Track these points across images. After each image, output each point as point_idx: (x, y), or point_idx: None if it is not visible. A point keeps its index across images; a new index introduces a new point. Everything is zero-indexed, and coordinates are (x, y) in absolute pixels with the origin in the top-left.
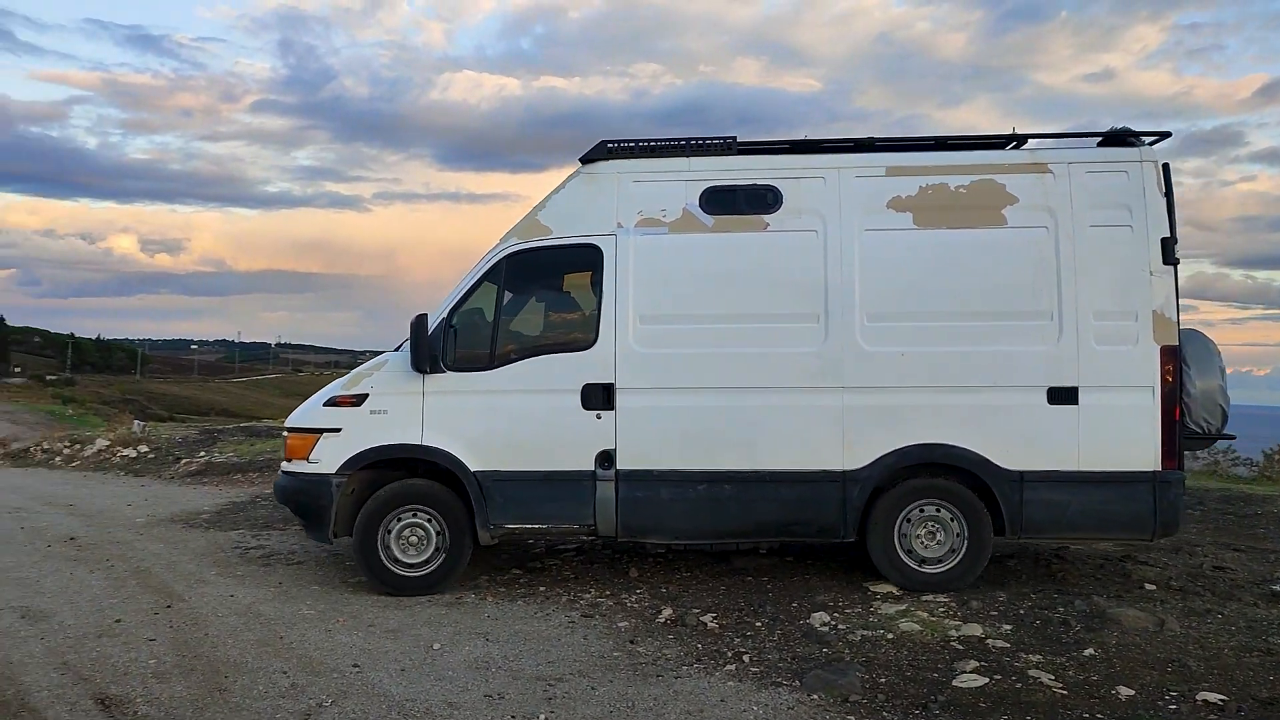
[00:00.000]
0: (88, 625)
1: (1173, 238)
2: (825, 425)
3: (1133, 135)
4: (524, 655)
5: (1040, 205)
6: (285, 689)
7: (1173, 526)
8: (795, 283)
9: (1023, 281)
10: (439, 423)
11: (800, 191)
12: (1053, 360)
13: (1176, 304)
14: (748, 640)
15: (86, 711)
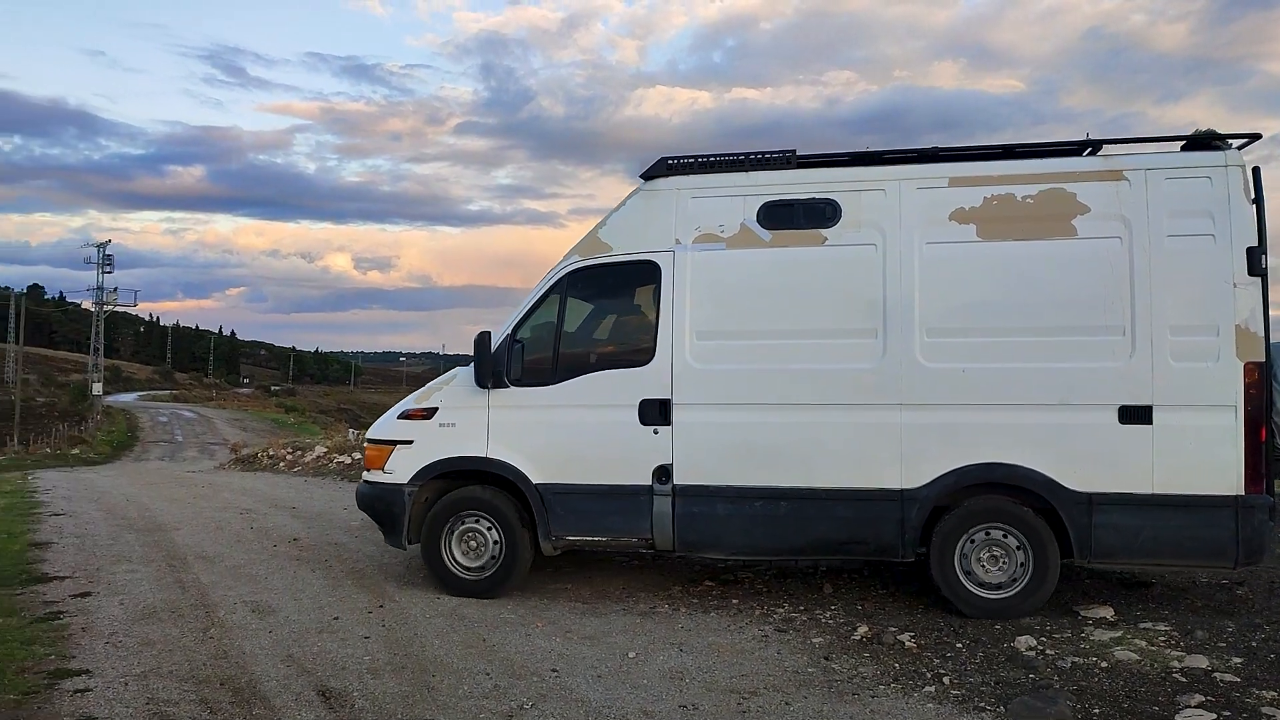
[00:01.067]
0: (309, 621)
1: (1261, 247)
2: (883, 443)
3: (1218, 139)
4: (718, 667)
5: (1114, 214)
6: (488, 690)
7: (1257, 555)
8: (853, 297)
9: (1093, 295)
10: (503, 436)
11: (860, 205)
12: (1125, 377)
13: (1265, 317)
14: (948, 661)
15: (309, 703)
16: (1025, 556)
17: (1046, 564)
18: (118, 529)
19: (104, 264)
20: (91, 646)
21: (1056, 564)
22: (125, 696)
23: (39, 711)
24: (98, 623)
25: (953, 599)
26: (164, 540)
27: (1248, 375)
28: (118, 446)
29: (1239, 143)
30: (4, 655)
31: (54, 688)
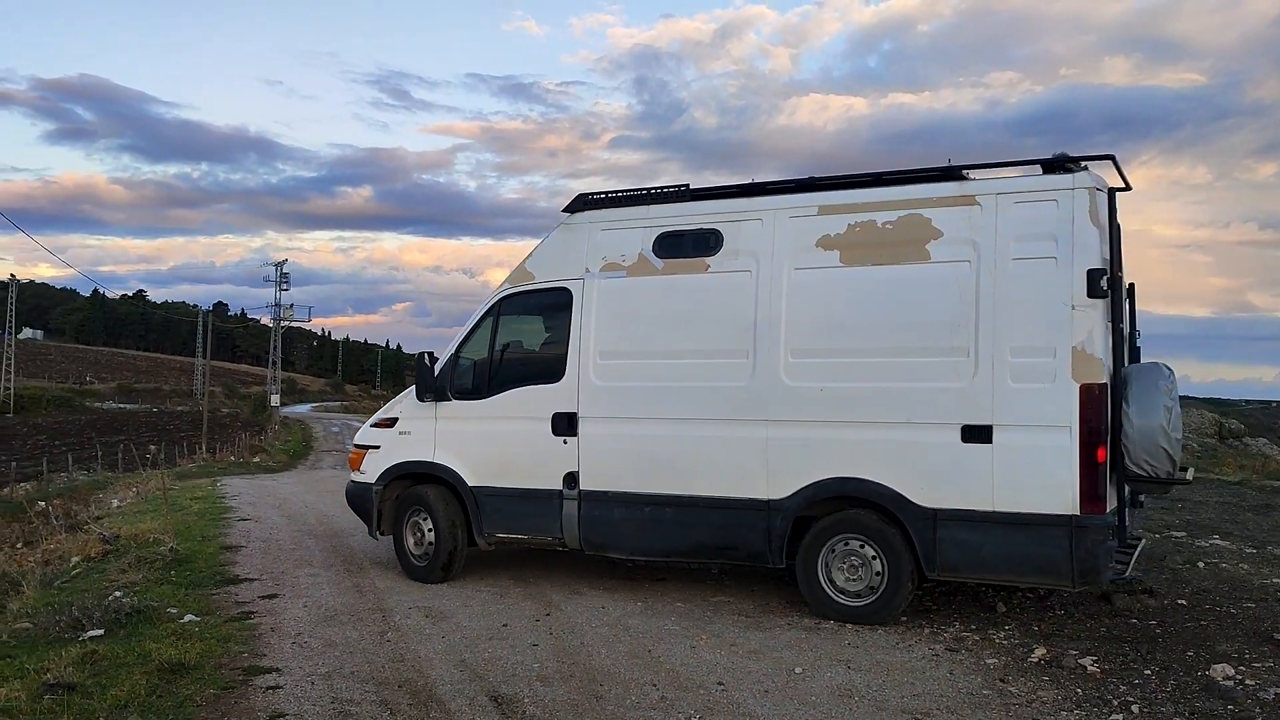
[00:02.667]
0: (479, 627)
1: (1104, 269)
2: (752, 456)
3: (1070, 161)
4: (887, 686)
5: (964, 239)
6: (655, 701)
7: (1093, 575)
8: (729, 320)
9: (941, 317)
10: (446, 443)
11: (739, 234)
12: (967, 397)
13: (1110, 338)
14: (1135, 689)
15: (483, 708)
16: (881, 567)
17: (900, 575)
18: (299, 534)
19: (281, 282)
20: (280, 646)
21: (910, 575)
22: (312, 695)
23: (235, 706)
24: (285, 623)
25: (815, 604)
26: (341, 545)
27: (1083, 396)
28: (294, 455)
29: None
30: (204, 651)
31: (248, 684)
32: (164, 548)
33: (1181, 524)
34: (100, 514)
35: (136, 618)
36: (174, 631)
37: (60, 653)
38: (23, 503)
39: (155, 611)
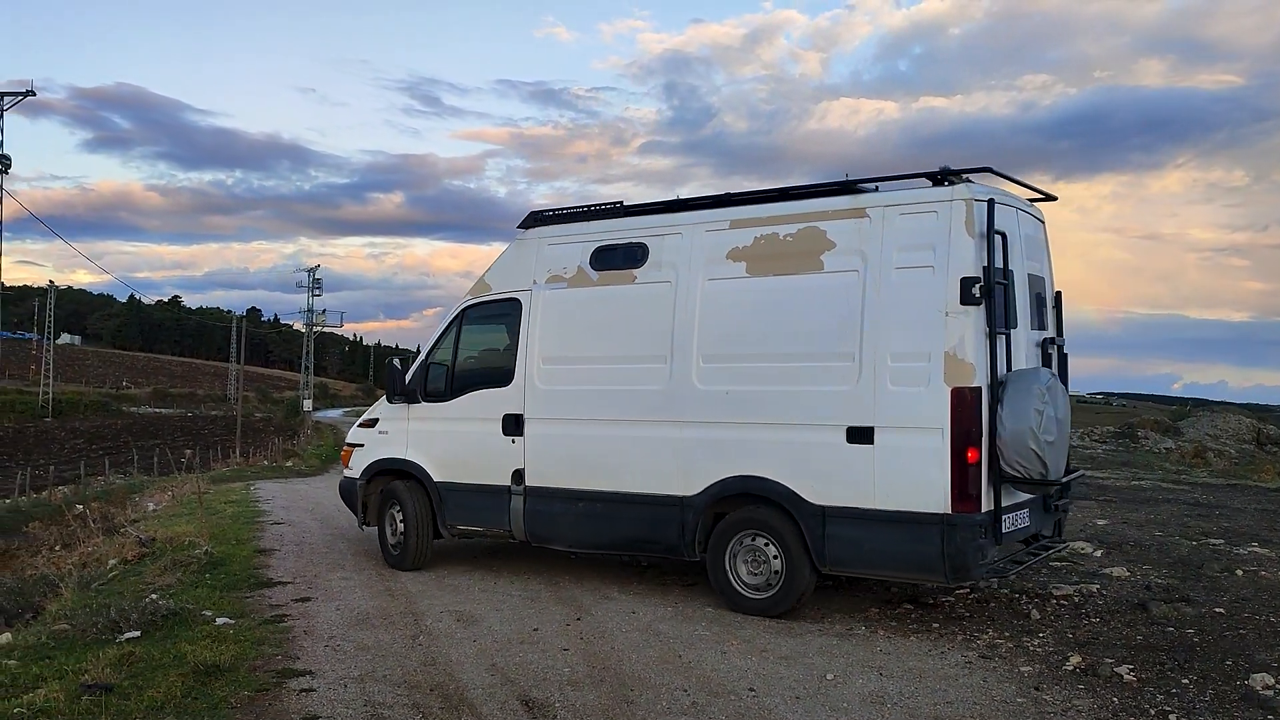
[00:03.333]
0: (510, 631)
1: (977, 277)
2: (668, 455)
3: (952, 174)
4: (920, 693)
5: (854, 250)
6: (686, 706)
7: (964, 572)
8: (651, 327)
9: (831, 324)
10: (416, 442)
11: (662, 247)
12: (852, 400)
13: (987, 344)
14: (1173, 698)
15: (514, 711)
16: (779, 561)
17: (795, 569)
18: (331, 538)
19: (314, 287)
20: (313, 649)
21: (806, 570)
22: (345, 698)
23: (270, 708)
24: (318, 626)
25: (724, 596)
26: (373, 549)
27: (954, 400)
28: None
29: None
30: (239, 654)
31: (281, 686)
32: (199, 551)
33: (1219, 531)
34: (136, 517)
35: (172, 620)
36: (209, 634)
37: (98, 654)
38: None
39: (191, 614)
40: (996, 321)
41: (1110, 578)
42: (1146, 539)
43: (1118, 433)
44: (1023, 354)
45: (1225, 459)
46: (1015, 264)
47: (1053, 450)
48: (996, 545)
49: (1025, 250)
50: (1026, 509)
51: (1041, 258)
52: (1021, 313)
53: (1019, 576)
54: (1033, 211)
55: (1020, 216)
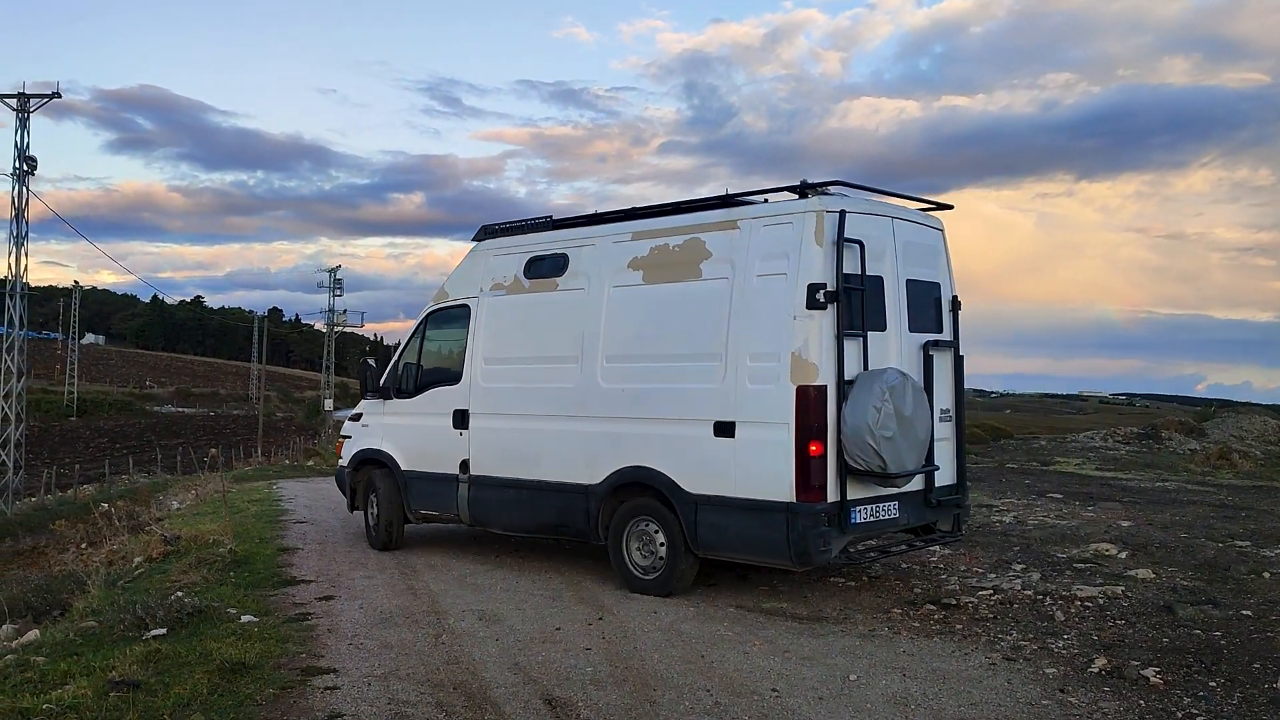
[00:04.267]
0: (533, 630)
1: (823, 283)
2: (577, 448)
3: (810, 187)
4: (944, 695)
5: (726, 258)
6: (709, 706)
7: (806, 557)
8: (567, 331)
9: (705, 327)
10: (389, 434)
11: (580, 257)
12: (719, 397)
13: (834, 345)
14: (1200, 701)
15: (537, 710)
16: (665, 547)
17: (677, 553)
18: (353, 537)
19: (334, 288)
20: (337, 647)
21: (685, 553)
22: (369, 696)
23: (294, 705)
24: (341, 625)
25: (620, 577)
26: (395, 549)
27: (799, 397)
28: None
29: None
30: (264, 652)
31: (306, 684)
32: (223, 549)
33: (1246, 533)
34: (161, 515)
35: (198, 617)
36: (234, 631)
37: (125, 651)
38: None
39: (216, 612)
40: (845, 324)
41: (1135, 580)
42: (1171, 541)
43: (1141, 434)
44: (893, 355)
45: (1251, 460)
46: (884, 270)
47: (891, 445)
48: (842, 534)
49: (903, 257)
50: (895, 502)
51: (934, 263)
52: (894, 316)
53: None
54: (920, 220)
55: (897, 225)
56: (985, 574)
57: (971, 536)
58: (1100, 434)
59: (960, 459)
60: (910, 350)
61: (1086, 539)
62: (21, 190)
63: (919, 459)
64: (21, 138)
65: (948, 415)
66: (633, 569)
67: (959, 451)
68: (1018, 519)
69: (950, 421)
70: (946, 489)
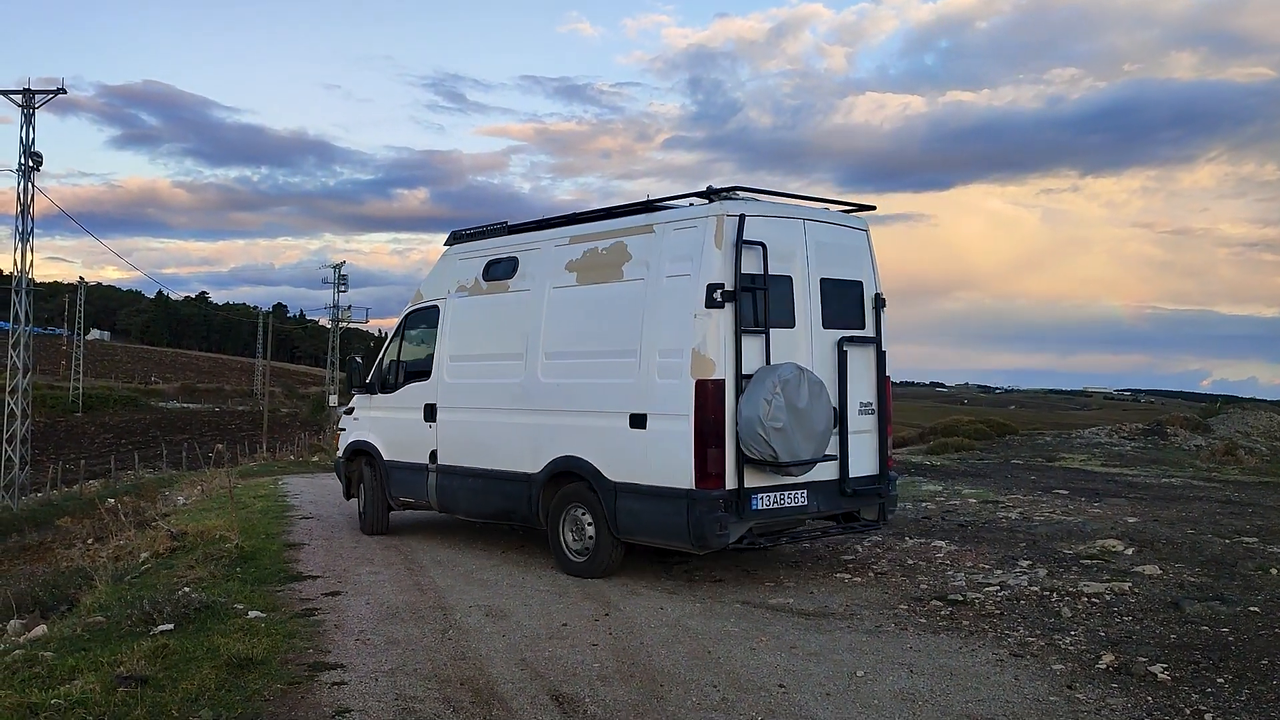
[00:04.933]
0: (539, 626)
1: (721, 283)
2: (523, 439)
3: (715, 193)
4: (951, 691)
5: (643, 261)
6: (716, 702)
7: (703, 541)
8: (515, 330)
9: (624, 325)
10: (373, 427)
11: (528, 260)
12: (634, 391)
13: (733, 342)
14: (1208, 698)
15: (544, 706)
16: (592, 530)
17: (602, 537)
18: (359, 533)
19: (339, 283)
20: (344, 643)
21: (609, 537)
22: (376, 691)
23: (302, 701)
24: (348, 620)
25: (557, 560)
26: (401, 544)
27: (697, 390)
28: None
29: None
30: (271, 647)
31: (314, 679)
32: (229, 545)
33: (1253, 529)
34: (167, 511)
35: (205, 613)
36: (241, 627)
37: (132, 646)
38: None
39: (223, 607)
40: (744, 322)
41: (1142, 576)
42: (1178, 537)
43: (1147, 430)
44: (803, 350)
45: (1257, 457)
46: (793, 270)
47: (782, 436)
48: (741, 519)
49: (815, 257)
50: (804, 490)
51: (854, 263)
52: (805, 313)
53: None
54: (839, 222)
55: (809, 227)
56: (992, 570)
57: (978, 533)
58: (1105, 430)
59: (883, 450)
60: (824, 346)
61: (1093, 535)
62: (27, 186)
63: (816, 449)
64: (27, 134)
65: (869, 408)
66: (567, 552)
67: (881, 443)
68: (1023, 515)
69: (872, 414)
70: (866, 479)
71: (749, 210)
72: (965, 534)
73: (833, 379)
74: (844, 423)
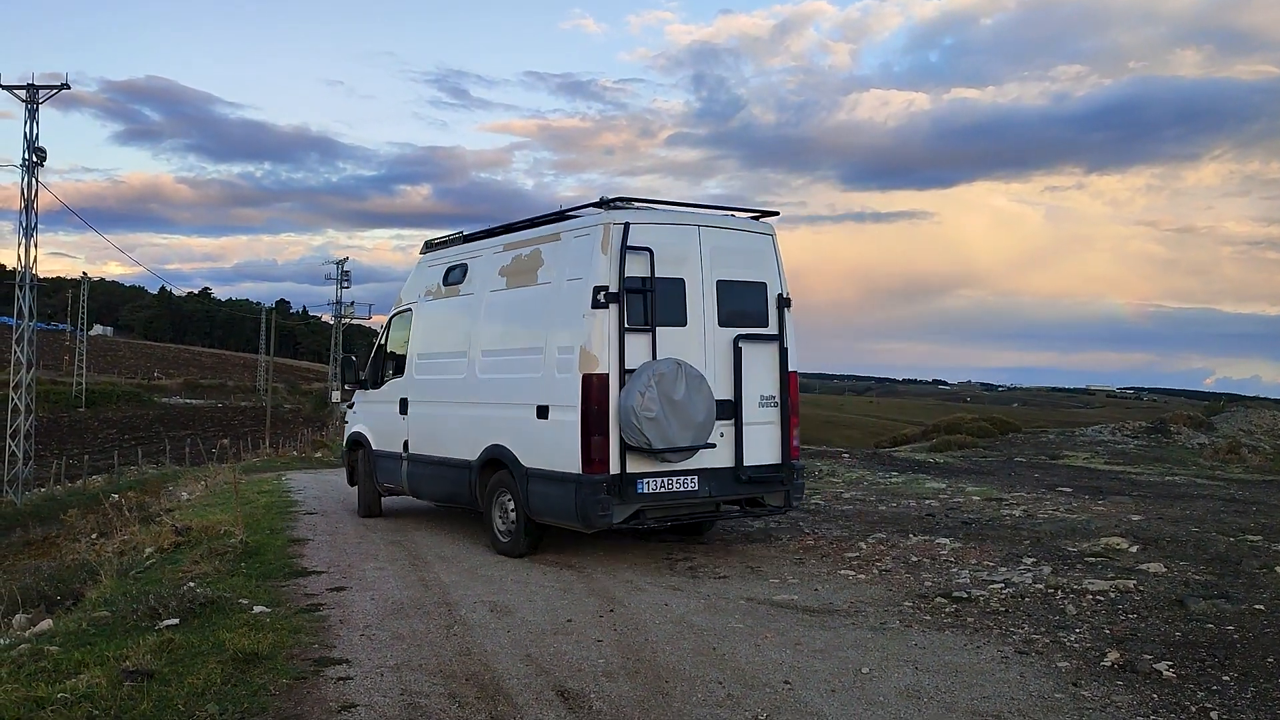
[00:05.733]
0: (544, 622)
1: (605, 285)
2: (465, 430)
3: (608, 203)
4: (956, 688)
5: (551, 266)
6: (722, 699)
7: (588, 520)
8: (462, 330)
9: (535, 325)
10: (366, 420)
11: (474, 266)
12: (540, 385)
13: (618, 339)
14: (1214, 695)
15: (550, 702)
16: (514, 513)
17: (521, 519)
18: (363, 529)
19: (342, 280)
20: (349, 638)
21: (526, 519)
22: (382, 686)
23: (308, 696)
24: (353, 616)
25: (490, 540)
26: (405, 540)
27: (584, 384)
28: None
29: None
30: (276, 642)
31: (319, 674)
32: (234, 540)
33: (1257, 527)
34: (171, 506)
35: (210, 608)
36: (246, 622)
37: (138, 641)
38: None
39: (228, 602)
40: (628, 320)
41: (1147, 574)
42: (1182, 535)
43: (1150, 428)
44: (695, 347)
45: (1260, 455)
46: (685, 273)
47: (655, 425)
48: (624, 502)
49: (711, 261)
50: (694, 476)
51: (756, 265)
52: (698, 313)
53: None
54: (739, 227)
55: (704, 233)
56: (996, 568)
57: (982, 530)
58: (1109, 428)
59: (785, 440)
60: (719, 342)
61: (1097, 533)
62: (31, 181)
63: (695, 437)
64: (31, 129)
65: (770, 401)
66: (497, 532)
67: (784, 433)
68: (1027, 513)
69: (774, 407)
70: (768, 467)
71: (635, 218)
72: (969, 531)
73: (729, 374)
74: (739, 414)
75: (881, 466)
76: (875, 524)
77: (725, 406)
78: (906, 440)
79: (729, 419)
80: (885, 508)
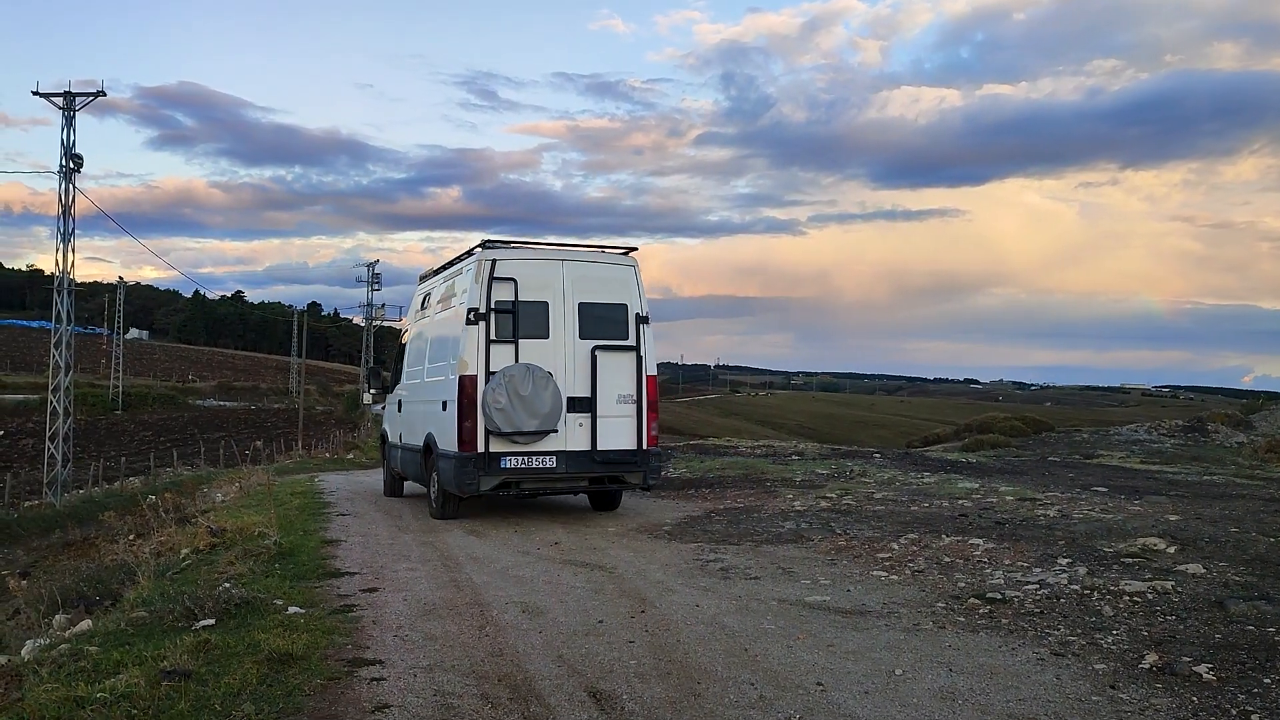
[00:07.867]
0: (575, 623)
1: (477, 307)
2: (419, 422)
3: (486, 244)
4: (991, 690)
5: (459, 294)
6: (754, 700)
7: (460, 487)
8: (425, 346)
9: (448, 340)
10: (385, 418)
11: (433, 294)
12: (445, 386)
13: (485, 349)
14: (1255, 698)
15: (582, 703)
16: (437, 485)
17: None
18: (395, 530)
19: (372, 282)
20: (382, 639)
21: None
22: (415, 687)
23: (342, 696)
24: (386, 617)
25: (430, 509)
26: (437, 541)
27: (459, 383)
28: None
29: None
30: (310, 642)
31: (353, 675)
32: (268, 541)
33: None
34: (206, 508)
35: (245, 609)
36: (281, 623)
37: (175, 641)
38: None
39: (263, 603)
40: (494, 334)
41: (1185, 575)
42: (1222, 535)
43: (1187, 426)
44: (557, 355)
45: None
46: (549, 297)
47: (502, 414)
48: (490, 474)
49: (573, 288)
50: (554, 456)
51: (618, 290)
52: (560, 328)
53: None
54: (602, 260)
55: (567, 265)
56: (1030, 568)
57: (1015, 531)
58: (1144, 427)
59: (641, 431)
60: (579, 352)
61: (1134, 533)
62: (68, 188)
63: (541, 424)
64: (68, 135)
65: (628, 399)
66: (431, 500)
67: (640, 424)
68: (1062, 513)
69: (631, 404)
70: (625, 452)
71: (502, 255)
72: (1003, 532)
73: (587, 376)
74: (594, 408)
75: (913, 466)
76: (907, 524)
77: (583, 402)
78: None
79: (586, 412)
80: (917, 508)
